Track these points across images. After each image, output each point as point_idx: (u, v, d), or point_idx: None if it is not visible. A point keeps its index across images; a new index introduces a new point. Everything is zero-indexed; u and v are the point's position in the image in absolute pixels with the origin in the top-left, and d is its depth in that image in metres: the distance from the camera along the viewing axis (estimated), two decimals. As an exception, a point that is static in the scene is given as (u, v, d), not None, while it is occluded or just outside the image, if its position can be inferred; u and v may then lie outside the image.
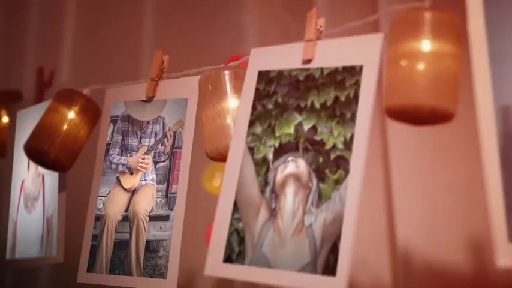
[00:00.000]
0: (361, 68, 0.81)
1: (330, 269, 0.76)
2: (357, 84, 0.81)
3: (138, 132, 1.06)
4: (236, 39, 1.43)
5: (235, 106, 0.92)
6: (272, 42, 0.93)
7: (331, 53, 0.85)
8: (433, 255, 1.19)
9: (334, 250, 0.76)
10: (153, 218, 1.00)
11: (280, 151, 0.85)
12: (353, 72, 0.82)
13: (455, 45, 0.75)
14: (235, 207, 0.86)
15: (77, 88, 1.14)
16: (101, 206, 1.06)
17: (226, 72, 0.94)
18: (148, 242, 0.99)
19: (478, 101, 0.73)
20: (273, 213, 0.83)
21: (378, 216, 1.26)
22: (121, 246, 1.01)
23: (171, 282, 0.94)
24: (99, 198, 1.06)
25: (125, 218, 1.03)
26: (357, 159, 0.78)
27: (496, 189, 0.71)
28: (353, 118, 0.80)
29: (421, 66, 0.73)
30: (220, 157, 0.92)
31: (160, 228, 0.98)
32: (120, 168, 1.06)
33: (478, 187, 0.74)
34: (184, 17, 1.53)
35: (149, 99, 1.06)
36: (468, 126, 0.81)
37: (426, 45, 0.74)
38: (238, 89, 0.93)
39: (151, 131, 1.05)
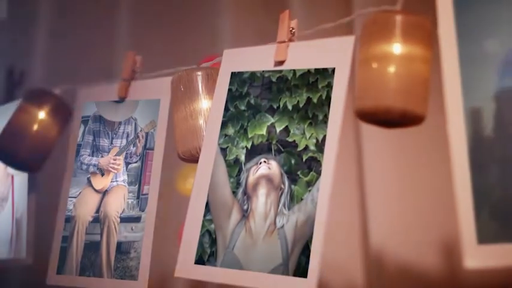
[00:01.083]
0: (333, 70, 0.81)
1: (301, 270, 0.76)
2: (329, 86, 0.81)
3: (110, 132, 1.05)
4: (211, 39, 1.43)
5: (208, 107, 0.92)
6: (247, 43, 0.93)
7: (303, 55, 0.85)
8: (406, 257, 1.20)
9: (305, 251, 0.77)
10: (124, 219, 0.99)
11: (253, 152, 0.85)
12: (325, 74, 0.82)
13: (425, 48, 0.76)
14: (207, 208, 0.85)
15: (48, 88, 1.12)
16: (71, 207, 1.05)
17: (199, 73, 0.94)
18: (119, 244, 0.98)
19: (447, 104, 0.73)
20: (245, 215, 0.83)
21: (351, 218, 1.27)
22: (91, 247, 1.00)
23: (141, 284, 0.93)
24: (69, 199, 1.05)
25: (96, 219, 1.02)
26: (329, 160, 0.78)
27: (466, 191, 0.71)
28: (325, 120, 0.80)
29: (391, 68, 0.74)
30: (192, 158, 0.91)
31: (132, 229, 0.98)
32: (91, 169, 1.05)
33: (451, 189, 0.75)
34: (159, 17, 1.52)
35: (121, 100, 1.05)
36: (442, 128, 0.82)
37: (397, 47, 0.74)
38: (210, 90, 0.92)
39: (123, 132, 1.04)
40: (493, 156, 0.71)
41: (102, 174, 1.04)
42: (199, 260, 0.84)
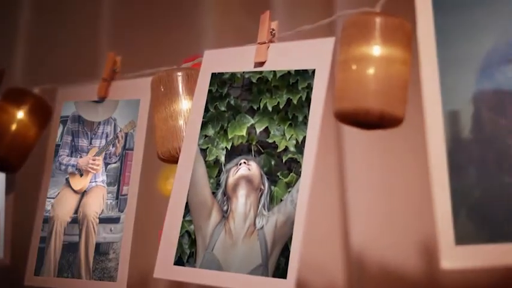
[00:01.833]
0: (313, 71, 0.82)
1: (280, 271, 0.76)
2: (309, 87, 0.81)
3: (89, 133, 1.05)
4: (193, 40, 1.42)
5: (188, 108, 0.92)
6: (229, 44, 0.93)
7: (283, 56, 0.85)
8: (387, 258, 1.20)
9: (285, 252, 0.77)
10: (103, 220, 0.98)
11: (233, 153, 0.85)
12: (305, 75, 0.82)
13: (405, 50, 0.76)
14: (187, 209, 0.85)
15: (29, 87, 1.12)
16: (49, 207, 1.04)
17: (179, 73, 0.94)
18: (98, 245, 0.98)
19: (426, 106, 0.74)
20: (224, 216, 0.83)
21: (332, 220, 1.27)
22: (70, 248, 1.00)
23: (120, 285, 0.93)
24: (48, 199, 1.04)
25: (74, 220, 1.01)
26: (308, 162, 0.79)
27: (444, 193, 0.72)
28: (305, 121, 0.81)
29: (370, 70, 0.74)
30: (172, 159, 0.91)
31: (111, 230, 0.97)
32: (70, 169, 1.04)
33: (431, 191, 0.75)
34: (141, 17, 1.52)
35: (101, 100, 1.05)
36: (422, 131, 0.82)
37: (376, 49, 0.74)
38: (191, 90, 0.92)
39: (102, 132, 1.03)
40: (470, 158, 0.72)
41: (81, 175, 1.03)
42: (179, 261, 0.84)
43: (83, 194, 1.02)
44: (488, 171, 0.71)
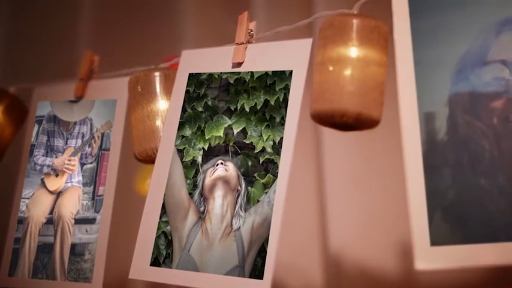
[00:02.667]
0: (290, 72, 0.82)
1: (257, 272, 0.76)
2: (287, 88, 0.82)
3: (65, 133, 1.04)
4: (172, 40, 1.42)
5: (165, 108, 0.92)
6: (209, 44, 0.93)
7: (261, 57, 0.85)
8: (365, 259, 1.21)
9: (262, 253, 0.77)
10: (79, 221, 0.98)
11: (210, 154, 0.85)
12: (283, 76, 0.82)
13: (382, 52, 0.76)
14: (163, 209, 0.85)
15: (4, 87, 1.11)
16: (24, 208, 1.03)
17: (157, 73, 0.93)
18: (73, 246, 0.97)
19: (402, 108, 0.74)
20: (201, 217, 0.83)
21: (310, 221, 1.27)
22: (45, 249, 0.99)
23: (96, 286, 0.92)
24: (22, 200, 1.03)
25: (49, 221, 1.00)
26: (285, 163, 0.79)
27: (419, 194, 0.72)
28: (282, 122, 0.81)
29: (347, 71, 0.74)
30: (149, 159, 0.91)
31: (86, 231, 0.96)
32: (45, 169, 1.03)
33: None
34: (120, 17, 1.51)
35: (77, 100, 1.04)
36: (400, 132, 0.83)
37: (353, 51, 0.75)
38: (168, 90, 0.92)
39: (78, 132, 1.03)
40: (445, 160, 0.72)
41: (57, 175, 1.02)
42: (155, 262, 0.83)
43: (58, 194, 1.01)
44: (463, 173, 0.71)
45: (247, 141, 0.83)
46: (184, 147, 0.87)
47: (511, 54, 0.72)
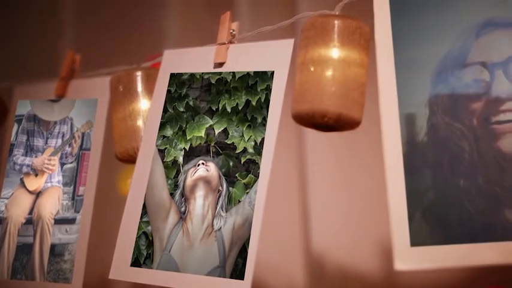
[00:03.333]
0: (272, 73, 0.82)
1: (238, 272, 0.76)
2: (268, 89, 0.82)
3: (45, 132, 1.03)
4: (156, 40, 1.42)
5: (147, 108, 0.91)
6: (193, 44, 0.92)
7: (243, 57, 0.85)
8: (347, 260, 1.21)
9: (243, 254, 0.77)
10: (59, 221, 0.97)
11: (191, 154, 0.85)
12: (264, 77, 0.82)
13: (363, 53, 0.77)
14: (144, 210, 0.85)
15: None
16: (3, 208, 1.02)
17: (138, 73, 0.93)
18: (53, 246, 0.96)
19: (382, 109, 0.75)
20: (182, 217, 0.82)
21: (293, 221, 1.28)
22: (24, 250, 0.98)
23: (76, 287, 0.92)
24: (1, 200, 1.02)
25: (29, 221, 0.99)
26: (266, 163, 0.79)
27: (400, 194, 0.72)
28: (264, 122, 0.81)
29: (328, 72, 0.74)
30: (130, 159, 0.90)
31: (66, 231, 0.96)
32: (25, 169, 1.03)
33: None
34: (104, 16, 1.50)
35: (57, 99, 1.04)
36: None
37: (334, 51, 0.75)
38: (150, 90, 0.92)
39: (59, 132, 1.02)
40: (426, 161, 0.73)
41: (36, 175, 1.01)
42: (136, 262, 0.83)
43: (38, 194, 1.00)
44: (443, 174, 0.72)
45: (228, 142, 0.83)
46: (166, 148, 0.87)
47: (490, 56, 0.72)
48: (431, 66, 0.74)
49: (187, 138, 0.86)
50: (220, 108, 0.85)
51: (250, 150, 0.81)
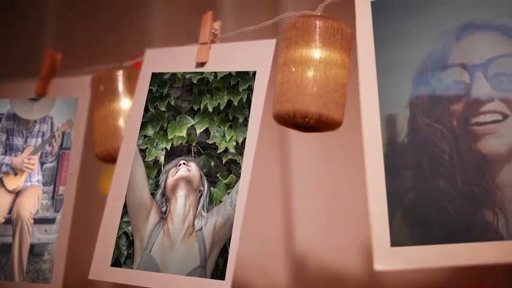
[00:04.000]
0: (254, 73, 0.82)
1: (219, 272, 0.76)
2: (250, 89, 0.82)
3: (24, 131, 1.02)
4: (139, 39, 1.41)
5: (128, 107, 0.91)
6: (176, 44, 0.92)
7: (225, 57, 0.85)
8: (330, 260, 1.21)
9: (224, 254, 0.77)
10: (38, 221, 0.96)
11: (172, 154, 0.85)
12: (246, 77, 0.82)
13: (344, 54, 0.77)
14: (125, 210, 0.84)
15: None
16: (-19, 207, 1.01)
17: (119, 72, 0.93)
18: (32, 246, 0.95)
19: (363, 110, 0.75)
20: (163, 217, 0.82)
21: (276, 221, 1.28)
22: (3, 249, 0.97)
23: (55, 287, 0.91)
24: (-20, 199, 1.02)
25: (8, 221, 0.98)
26: (247, 163, 0.79)
27: (380, 195, 0.73)
28: (245, 123, 0.81)
29: (309, 73, 0.74)
30: (111, 158, 0.90)
31: (46, 231, 0.95)
32: (4, 168, 1.02)
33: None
34: (87, 14, 1.49)
35: (38, 98, 1.03)
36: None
37: (315, 52, 0.75)
38: (131, 90, 0.92)
39: (39, 131, 1.01)
40: (406, 162, 0.73)
41: (16, 174, 1.00)
42: (116, 262, 0.83)
43: (17, 194, 0.99)
44: (423, 175, 0.72)
45: (210, 142, 0.83)
46: (147, 147, 0.86)
47: (470, 58, 0.73)
48: (412, 67, 0.75)
49: (169, 138, 0.85)
50: (201, 108, 0.85)
51: (232, 150, 0.81)
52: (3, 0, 1.55)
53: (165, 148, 0.85)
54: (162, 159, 0.85)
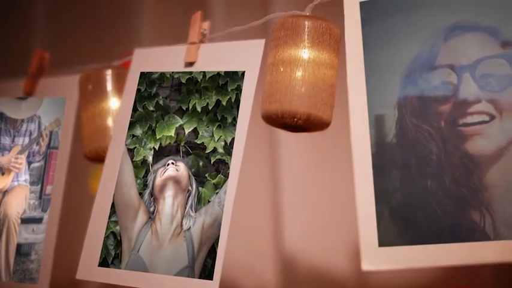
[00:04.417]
0: (243, 73, 0.82)
1: (207, 272, 0.76)
2: (239, 89, 0.82)
3: (12, 130, 1.02)
4: (129, 38, 1.41)
5: (117, 107, 0.91)
6: (166, 43, 0.92)
7: (214, 57, 0.85)
8: (319, 260, 1.22)
9: (212, 254, 0.76)
10: (25, 221, 0.96)
11: (161, 154, 0.85)
12: (235, 77, 0.82)
13: (333, 54, 0.77)
14: (113, 209, 0.84)
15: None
16: (-32, 207, 1.01)
17: (108, 72, 0.93)
18: (19, 246, 0.95)
19: (352, 110, 0.75)
20: (151, 217, 0.82)
21: (265, 221, 1.28)
22: (-11, 249, 0.97)
23: (42, 287, 0.91)
24: (-34, 199, 1.01)
25: (-5, 220, 0.98)
26: (236, 163, 0.79)
27: (368, 195, 0.73)
28: (234, 123, 0.81)
29: (298, 73, 0.74)
30: (99, 158, 0.90)
31: (33, 231, 0.95)
32: (-9, 168, 1.02)
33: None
34: (76, 14, 1.49)
35: (25, 97, 1.02)
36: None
37: (304, 52, 0.75)
38: (120, 89, 0.91)
39: (26, 130, 1.01)
40: (394, 162, 0.73)
41: (3, 174, 1.00)
42: (103, 262, 0.82)
43: (4, 193, 0.99)
44: (411, 175, 0.72)
45: (198, 142, 0.83)
46: (135, 147, 0.86)
47: (458, 59, 0.73)
48: (400, 68, 0.75)
49: (157, 138, 0.85)
50: (190, 107, 0.85)
51: (220, 150, 0.81)
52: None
53: (154, 148, 0.85)
54: (150, 159, 0.85)
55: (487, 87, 0.71)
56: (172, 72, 0.87)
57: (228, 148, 0.80)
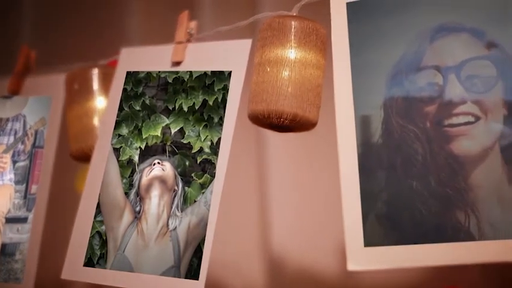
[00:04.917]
0: (229, 73, 0.82)
1: (193, 272, 0.76)
2: (225, 89, 0.82)
3: (-4, 129, 1.01)
4: (116, 37, 1.40)
5: (103, 106, 0.91)
6: (154, 42, 0.92)
7: (201, 57, 0.85)
8: (306, 260, 1.22)
9: (198, 254, 0.76)
10: (10, 220, 0.95)
11: (147, 153, 0.84)
12: (222, 77, 0.82)
13: (319, 54, 0.77)
14: (98, 209, 0.84)
15: None
16: (-48, 206, 1.00)
17: (94, 71, 0.92)
18: (3, 245, 0.94)
19: (338, 111, 0.75)
20: (137, 216, 0.82)
21: (252, 221, 1.27)
22: (-27, 249, 0.96)
23: (26, 287, 0.90)
24: (-50, 198, 1.00)
25: (-21, 220, 0.97)
26: (222, 163, 0.79)
27: (354, 195, 0.73)
28: (220, 122, 0.81)
29: (284, 73, 0.75)
30: (85, 157, 0.89)
31: (17, 230, 0.94)
32: (-25, 167, 1.01)
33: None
34: (62, 11, 1.48)
35: (10, 96, 1.02)
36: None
37: (290, 52, 0.75)
38: (106, 88, 0.91)
39: (11, 129, 1.00)
40: (380, 162, 0.73)
41: (-13, 173, 1.00)
42: (89, 262, 0.82)
43: (-12, 193, 0.99)
44: (397, 176, 0.72)
45: (184, 141, 0.83)
46: (121, 146, 0.86)
47: (444, 60, 0.73)
48: (386, 69, 0.75)
49: (143, 137, 0.85)
50: (176, 107, 0.85)
51: (207, 150, 0.81)
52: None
53: (140, 147, 0.85)
54: (136, 158, 0.84)
55: (472, 89, 0.71)
56: (159, 72, 0.87)
57: (215, 148, 0.80)
